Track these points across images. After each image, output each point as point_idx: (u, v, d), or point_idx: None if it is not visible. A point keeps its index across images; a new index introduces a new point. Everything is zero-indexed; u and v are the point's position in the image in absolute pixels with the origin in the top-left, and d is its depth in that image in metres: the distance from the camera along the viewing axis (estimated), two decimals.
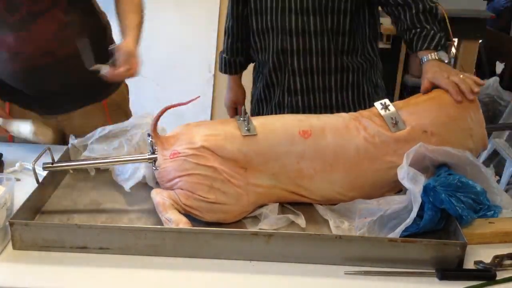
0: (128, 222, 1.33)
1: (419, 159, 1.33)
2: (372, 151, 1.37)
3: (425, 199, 1.26)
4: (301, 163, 1.36)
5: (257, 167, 1.34)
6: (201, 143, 1.31)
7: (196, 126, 1.38)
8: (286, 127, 1.38)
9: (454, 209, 1.24)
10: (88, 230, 1.20)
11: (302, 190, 1.38)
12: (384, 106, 1.44)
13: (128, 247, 1.21)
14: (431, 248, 1.17)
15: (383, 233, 1.24)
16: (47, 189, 1.42)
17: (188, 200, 1.29)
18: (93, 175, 1.55)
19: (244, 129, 1.35)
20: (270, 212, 1.34)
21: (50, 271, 1.16)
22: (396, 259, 1.19)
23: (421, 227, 1.25)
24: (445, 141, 1.37)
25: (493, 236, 1.29)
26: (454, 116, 1.42)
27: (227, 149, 1.32)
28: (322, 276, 1.17)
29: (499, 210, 1.34)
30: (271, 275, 1.17)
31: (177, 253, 1.21)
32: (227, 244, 1.20)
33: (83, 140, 1.56)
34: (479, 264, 1.20)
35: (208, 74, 3.26)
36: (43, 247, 1.21)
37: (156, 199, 1.32)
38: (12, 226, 1.20)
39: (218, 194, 1.30)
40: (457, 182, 1.27)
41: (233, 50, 1.96)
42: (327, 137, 1.38)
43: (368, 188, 1.39)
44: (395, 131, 1.39)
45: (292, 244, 1.19)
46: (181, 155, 1.31)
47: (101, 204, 1.41)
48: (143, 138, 1.52)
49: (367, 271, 1.18)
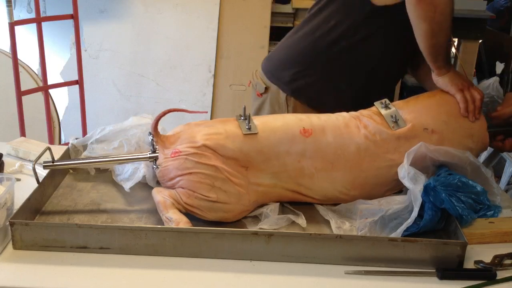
0: (129, 222, 1.33)
1: (419, 158, 1.33)
2: (373, 149, 1.37)
3: (426, 199, 1.26)
4: (302, 162, 1.36)
5: (258, 166, 1.35)
6: (202, 142, 1.31)
7: (197, 125, 1.38)
8: (287, 126, 1.38)
9: (454, 209, 1.25)
10: (88, 230, 1.20)
11: (303, 189, 1.38)
12: (384, 105, 1.44)
13: (129, 247, 1.21)
14: (432, 247, 1.17)
15: (385, 234, 1.25)
16: (47, 189, 1.41)
17: (189, 199, 1.29)
18: (93, 175, 1.55)
19: (245, 128, 1.35)
20: (270, 212, 1.34)
21: (50, 271, 1.16)
22: (396, 258, 1.19)
23: (421, 227, 1.25)
24: (446, 139, 1.38)
25: (493, 235, 1.29)
26: (455, 114, 1.42)
27: (228, 148, 1.32)
28: (322, 275, 1.17)
29: (499, 210, 1.34)
30: (272, 275, 1.17)
31: (178, 252, 1.21)
32: (227, 243, 1.20)
33: (83, 140, 1.56)
34: (479, 263, 1.20)
35: (208, 74, 3.25)
36: (44, 247, 1.21)
37: (157, 198, 1.32)
38: (12, 226, 1.20)
39: (219, 193, 1.30)
40: (458, 182, 1.27)
41: None
42: (328, 135, 1.38)
43: (369, 186, 1.39)
44: (396, 129, 1.39)
45: (293, 244, 1.19)
46: (182, 154, 1.31)
47: (101, 204, 1.41)
48: (143, 138, 1.52)
49: (367, 271, 1.18)
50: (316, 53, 1.70)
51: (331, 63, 1.68)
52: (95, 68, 3.26)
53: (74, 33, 2.79)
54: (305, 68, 1.71)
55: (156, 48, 3.24)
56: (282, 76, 1.75)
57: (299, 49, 1.74)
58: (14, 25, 2.51)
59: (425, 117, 1.41)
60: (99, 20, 3.22)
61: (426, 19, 1.43)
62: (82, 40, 3.15)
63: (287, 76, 1.73)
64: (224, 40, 3.23)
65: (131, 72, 3.28)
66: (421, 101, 1.46)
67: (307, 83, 1.71)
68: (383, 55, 1.66)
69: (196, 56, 3.23)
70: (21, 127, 2.64)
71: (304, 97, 1.72)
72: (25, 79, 2.84)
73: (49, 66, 2.79)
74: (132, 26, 3.22)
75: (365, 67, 1.68)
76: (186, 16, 3.20)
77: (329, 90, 1.70)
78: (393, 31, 1.57)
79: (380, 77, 1.70)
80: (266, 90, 1.80)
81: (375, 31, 1.62)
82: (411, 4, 1.43)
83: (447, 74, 1.49)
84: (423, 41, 1.47)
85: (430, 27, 1.43)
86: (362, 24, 1.62)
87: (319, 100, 1.71)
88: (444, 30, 1.45)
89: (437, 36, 1.46)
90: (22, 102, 2.61)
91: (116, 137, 1.54)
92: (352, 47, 1.65)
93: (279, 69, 1.77)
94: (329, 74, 1.70)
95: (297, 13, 3.22)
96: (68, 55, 3.26)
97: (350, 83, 1.69)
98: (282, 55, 1.79)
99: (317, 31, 1.69)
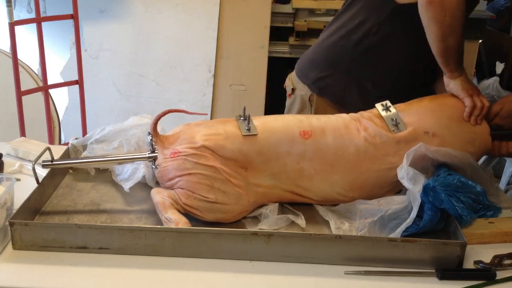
0: (128, 222, 1.33)
1: (419, 159, 1.33)
2: (373, 151, 1.37)
3: (425, 199, 1.26)
4: (302, 163, 1.36)
5: (258, 167, 1.34)
6: (202, 142, 1.31)
7: (197, 125, 1.38)
8: (287, 127, 1.38)
9: (454, 209, 1.24)
10: (88, 230, 1.20)
11: (302, 191, 1.38)
12: (385, 107, 1.44)
13: (128, 247, 1.21)
14: (431, 248, 1.17)
15: (384, 234, 1.25)
16: (47, 189, 1.41)
17: (188, 200, 1.29)
18: (93, 175, 1.55)
19: (245, 129, 1.35)
20: (270, 212, 1.33)
21: (50, 271, 1.16)
22: (396, 259, 1.19)
23: (420, 227, 1.25)
24: (447, 143, 1.37)
25: (493, 236, 1.29)
26: (456, 119, 1.42)
27: (227, 148, 1.32)
28: (322, 276, 1.17)
29: (499, 210, 1.34)
30: (271, 275, 1.17)
31: (177, 253, 1.21)
32: (227, 244, 1.20)
33: (83, 140, 1.56)
34: (479, 264, 1.20)
35: (208, 74, 3.25)
36: (43, 247, 1.21)
37: (156, 198, 1.32)
38: (12, 226, 1.20)
39: (218, 194, 1.29)
40: (457, 182, 1.27)
41: None
42: (328, 137, 1.37)
43: (368, 188, 1.39)
44: (396, 132, 1.39)
45: (292, 244, 1.19)
46: (182, 154, 1.31)
47: (101, 204, 1.41)
48: (142, 138, 1.52)
49: (367, 271, 1.18)
50: (341, 52, 1.72)
51: (356, 62, 1.70)
52: (95, 68, 3.26)
53: (74, 33, 2.79)
54: (331, 66, 1.74)
55: (156, 48, 3.24)
56: (310, 76, 1.79)
57: (325, 48, 1.77)
58: (14, 25, 2.51)
59: (426, 120, 1.40)
60: (99, 20, 3.22)
61: (437, 22, 1.44)
62: (82, 40, 3.15)
63: (315, 75, 1.77)
64: (224, 40, 3.23)
65: (131, 72, 3.27)
66: (423, 105, 1.46)
67: (333, 82, 1.74)
68: (407, 54, 1.67)
69: (196, 56, 3.23)
70: (21, 127, 2.64)
71: (330, 95, 1.75)
72: (25, 79, 2.84)
73: (49, 66, 2.79)
74: (132, 26, 3.22)
75: (390, 67, 1.68)
76: (186, 16, 3.20)
77: (354, 90, 1.72)
78: (416, 31, 1.57)
79: (406, 79, 1.70)
80: (293, 91, 1.86)
81: (399, 30, 1.64)
82: (422, 7, 1.45)
83: (459, 78, 1.49)
84: (434, 44, 1.48)
85: (441, 30, 1.45)
86: (386, 23, 1.64)
87: (344, 99, 1.73)
88: (455, 33, 1.46)
89: (448, 39, 1.47)
90: (22, 102, 2.61)
91: (116, 137, 1.54)
92: (377, 46, 1.67)
93: (308, 68, 1.81)
94: (354, 73, 1.71)
95: (297, 13, 3.21)
96: (68, 55, 3.26)
97: (375, 84, 1.70)
98: (310, 54, 1.84)
99: (342, 29, 1.72)
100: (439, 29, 1.45)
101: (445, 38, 1.46)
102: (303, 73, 1.82)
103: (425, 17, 1.47)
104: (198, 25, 3.20)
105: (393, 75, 1.69)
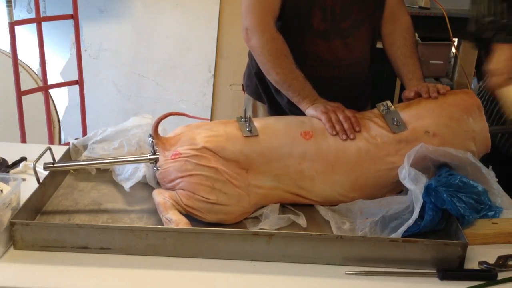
0: (129, 222, 1.33)
1: (420, 159, 1.33)
2: (374, 151, 1.37)
3: (427, 200, 1.26)
4: (303, 165, 1.36)
5: (259, 168, 1.34)
6: (203, 144, 1.31)
7: (197, 127, 1.38)
8: (288, 128, 1.38)
9: (456, 209, 1.24)
10: (89, 230, 1.20)
11: (303, 192, 1.38)
12: (386, 107, 1.44)
13: (129, 247, 1.21)
14: (432, 248, 1.17)
15: (385, 234, 1.24)
16: (48, 189, 1.41)
17: (189, 201, 1.29)
18: (94, 175, 1.55)
19: (246, 130, 1.35)
20: (271, 212, 1.33)
21: (51, 271, 1.16)
22: (397, 259, 1.19)
23: (422, 227, 1.25)
24: (447, 142, 1.37)
25: (497, 236, 1.29)
26: (456, 118, 1.42)
27: (228, 150, 1.32)
28: (323, 276, 1.17)
29: (500, 210, 1.34)
30: (272, 275, 1.17)
31: (178, 253, 1.21)
32: (227, 244, 1.20)
33: (84, 140, 1.56)
34: (484, 264, 1.20)
35: (208, 74, 3.25)
36: (44, 247, 1.21)
37: (157, 199, 1.32)
38: (13, 226, 1.20)
39: (219, 195, 1.29)
40: (459, 182, 1.27)
41: None
42: (329, 138, 1.38)
43: (369, 189, 1.39)
44: (397, 132, 1.39)
45: (293, 244, 1.19)
46: (183, 155, 1.31)
47: (102, 204, 1.41)
48: (143, 138, 1.52)
49: (368, 271, 1.18)
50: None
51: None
52: (95, 68, 3.26)
53: (74, 33, 2.78)
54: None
55: (156, 48, 3.24)
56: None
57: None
58: (14, 25, 2.51)
59: (426, 120, 1.40)
60: (99, 20, 3.22)
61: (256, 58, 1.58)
62: (82, 40, 3.14)
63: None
64: (224, 40, 3.23)
65: (131, 72, 3.27)
66: (423, 104, 1.45)
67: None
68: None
69: (196, 56, 3.23)
70: (21, 127, 2.64)
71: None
72: (25, 79, 2.84)
73: (49, 66, 2.78)
74: (132, 26, 3.22)
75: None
76: (186, 16, 3.20)
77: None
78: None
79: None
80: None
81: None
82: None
83: (312, 105, 1.48)
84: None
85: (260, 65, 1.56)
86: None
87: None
88: (269, 75, 1.54)
89: (269, 76, 1.55)
90: (22, 102, 2.61)
91: (117, 137, 1.54)
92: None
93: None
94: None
95: None
96: (68, 55, 3.26)
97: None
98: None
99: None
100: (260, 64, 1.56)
101: (266, 74, 1.56)
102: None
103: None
104: (198, 25, 3.20)
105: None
